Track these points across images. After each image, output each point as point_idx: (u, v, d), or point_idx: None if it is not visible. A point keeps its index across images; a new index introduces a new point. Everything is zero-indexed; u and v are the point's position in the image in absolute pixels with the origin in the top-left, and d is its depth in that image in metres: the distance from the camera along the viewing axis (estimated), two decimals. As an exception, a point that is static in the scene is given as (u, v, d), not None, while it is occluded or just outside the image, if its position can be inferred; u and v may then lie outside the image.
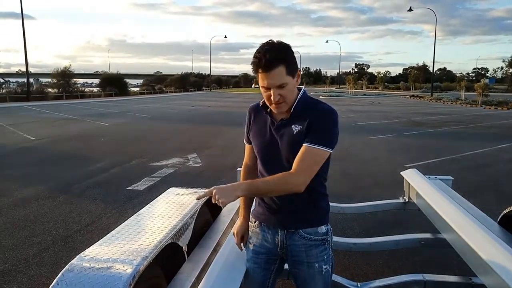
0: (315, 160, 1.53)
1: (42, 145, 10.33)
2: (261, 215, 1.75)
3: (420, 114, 19.72)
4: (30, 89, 37.22)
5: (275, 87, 1.50)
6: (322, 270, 1.66)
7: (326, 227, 1.68)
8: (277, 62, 1.46)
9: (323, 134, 1.52)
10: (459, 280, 2.32)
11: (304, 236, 1.65)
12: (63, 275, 1.54)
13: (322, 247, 1.66)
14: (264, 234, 1.75)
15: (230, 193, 1.50)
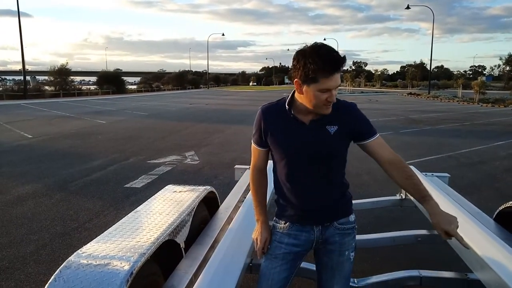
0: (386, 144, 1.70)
1: (39, 143, 10.30)
2: (293, 216, 1.73)
3: (417, 112, 19.76)
4: (27, 87, 37.07)
5: (335, 88, 1.54)
6: (350, 257, 1.76)
7: (353, 215, 1.79)
8: (340, 64, 1.51)
9: (369, 127, 1.67)
10: (455, 276, 2.33)
11: (338, 227, 1.73)
12: (61, 271, 1.55)
13: (352, 235, 1.76)
14: (297, 233, 1.73)
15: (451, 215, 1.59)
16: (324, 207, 1.70)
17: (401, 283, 2.39)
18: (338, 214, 1.73)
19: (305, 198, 1.69)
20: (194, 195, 2.59)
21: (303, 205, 1.69)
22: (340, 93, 41.95)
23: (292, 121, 1.65)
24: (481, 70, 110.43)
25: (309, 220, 1.71)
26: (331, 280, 1.76)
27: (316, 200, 1.68)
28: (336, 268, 1.75)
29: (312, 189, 1.68)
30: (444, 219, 1.52)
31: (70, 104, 27.34)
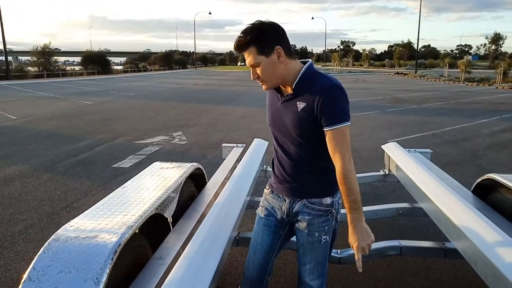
0: (344, 138, 1.57)
1: (24, 124, 10.15)
2: (274, 184, 1.86)
3: (403, 91, 19.92)
4: (9, 68, 36.11)
5: (251, 66, 1.62)
6: (321, 240, 1.73)
7: (332, 199, 1.72)
8: (246, 44, 1.58)
9: (337, 113, 1.55)
10: (433, 245, 2.43)
11: (308, 205, 1.73)
12: (49, 244, 1.58)
13: (324, 218, 1.72)
14: (274, 201, 1.85)
15: (367, 234, 1.62)
16: (296, 182, 1.75)
17: (382, 253, 2.49)
18: (309, 193, 1.73)
19: (280, 169, 1.79)
20: (181, 171, 2.62)
21: (279, 175, 1.81)
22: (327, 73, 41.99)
23: (275, 94, 1.75)
24: (468, 49, 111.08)
25: (282, 191, 1.80)
26: (303, 258, 1.78)
27: (288, 173, 1.76)
28: (307, 247, 1.76)
29: (286, 162, 1.76)
30: (358, 235, 1.60)
31: (55, 85, 26.79)
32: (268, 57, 1.58)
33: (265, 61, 1.59)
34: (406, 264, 3.06)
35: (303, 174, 1.73)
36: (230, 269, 3.02)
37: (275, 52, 1.59)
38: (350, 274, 2.93)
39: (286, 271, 2.99)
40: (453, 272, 2.94)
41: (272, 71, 1.61)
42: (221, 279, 2.85)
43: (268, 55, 1.58)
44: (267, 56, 1.58)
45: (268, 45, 1.58)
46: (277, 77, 1.64)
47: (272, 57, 1.59)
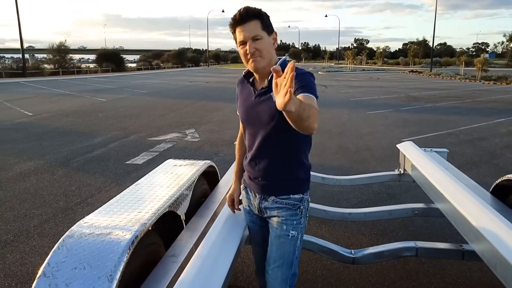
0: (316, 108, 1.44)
1: (40, 121, 10.30)
2: (245, 181, 1.87)
3: (418, 89, 19.63)
4: (26, 65, 36.75)
5: (250, 39, 1.58)
6: (289, 234, 1.70)
7: (301, 196, 1.72)
8: (252, 15, 1.57)
9: (307, 87, 1.53)
10: (450, 247, 2.38)
11: (276, 200, 1.72)
12: (64, 240, 1.59)
13: (293, 212, 1.71)
14: (248, 197, 1.87)
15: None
16: (265, 179, 1.73)
17: (397, 254, 2.45)
18: (278, 190, 1.71)
19: (251, 166, 1.78)
20: (194, 168, 2.61)
21: (250, 171, 1.80)
22: (341, 72, 41.59)
23: (248, 88, 1.74)
24: (484, 47, 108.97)
25: (253, 187, 1.80)
26: (269, 258, 1.74)
27: (258, 170, 1.74)
28: (274, 242, 1.72)
29: (257, 159, 1.74)
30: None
31: (70, 82, 27.16)
32: (269, 36, 1.62)
33: (265, 38, 1.60)
34: (421, 265, 3.01)
35: (273, 171, 1.72)
36: (243, 267, 3.01)
37: (273, 35, 1.64)
38: (363, 275, 2.90)
39: (298, 270, 2.96)
40: (470, 274, 2.88)
41: (269, 50, 1.63)
42: (234, 277, 2.84)
43: (269, 33, 1.62)
44: (269, 34, 1.62)
45: (270, 25, 1.64)
46: (269, 59, 1.63)
47: (270, 38, 1.63)
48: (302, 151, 1.72)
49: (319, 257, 3.09)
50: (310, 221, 3.77)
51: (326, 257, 2.91)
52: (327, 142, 7.48)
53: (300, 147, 1.71)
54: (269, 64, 1.61)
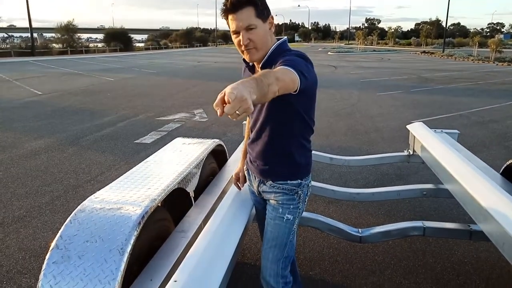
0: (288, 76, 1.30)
1: (49, 100, 10.37)
2: (247, 164, 1.88)
3: (430, 71, 19.30)
4: (34, 44, 36.78)
5: (243, 29, 1.48)
6: (283, 217, 1.70)
7: (299, 181, 1.70)
8: (244, 2, 1.45)
9: (287, 61, 1.39)
10: (458, 227, 2.38)
11: (273, 185, 1.72)
12: (75, 214, 1.62)
13: (290, 196, 1.70)
14: (249, 178, 1.89)
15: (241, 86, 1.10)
16: (263, 164, 1.73)
17: (404, 233, 2.45)
18: (276, 175, 1.70)
19: (252, 150, 1.77)
20: (203, 147, 2.62)
21: (251, 155, 1.80)
22: (351, 52, 40.97)
23: (248, 72, 1.71)
24: (500, 28, 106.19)
25: (253, 170, 1.81)
26: (265, 238, 1.76)
27: (258, 154, 1.73)
28: (269, 223, 1.73)
29: (257, 144, 1.73)
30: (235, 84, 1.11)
31: (78, 61, 27.18)
32: (264, 23, 1.51)
33: (260, 26, 1.49)
34: (428, 245, 3.02)
35: (271, 156, 1.70)
36: (250, 244, 3.05)
37: (269, 20, 1.53)
38: (370, 253, 2.92)
39: (305, 248, 2.99)
40: (477, 254, 2.88)
41: (264, 39, 1.53)
42: (241, 254, 2.89)
43: (265, 20, 1.52)
44: (264, 21, 1.51)
45: (266, 10, 1.51)
46: (265, 47, 1.55)
47: (266, 24, 1.53)
48: (301, 135, 1.68)
49: (326, 236, 3.11)
50: (318, 200, 3.80)
51: (333, 236, 2.94)
52: (336, 123, 7.44)
53: (299, 132, 1.66)
54: (265, 53, 1.56)
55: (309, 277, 2.64)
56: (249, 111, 1.04)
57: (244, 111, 1.03)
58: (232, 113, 1.02)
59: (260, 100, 1.17)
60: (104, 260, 1.43)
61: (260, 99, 1.17)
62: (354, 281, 2.61)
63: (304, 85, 1.37)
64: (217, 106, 1.05)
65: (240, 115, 1.03)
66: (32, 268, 2.74)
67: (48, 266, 1.44)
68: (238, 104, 1.01)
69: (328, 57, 31.83)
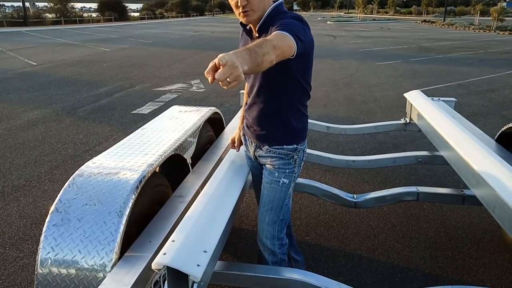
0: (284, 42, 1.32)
1: (44, 70, 10.23)
2: (243, 129, 1.89)
3: (430, 40, 19.03)
4: (27, 14, 35.90)
5: None
6: (279, 181, 1.73)
7: (295, 146, 1.71)
8: None
9: (283, 25, 1.39)
10: (451, 192, 2.42)
11: (270, 150, 1.74)
12: (74, 179, 1.64)
13: (286, 161, 1.72)
14: (246, 143, 1.91)
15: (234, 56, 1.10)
16: (259, 129, 1.74)
17: (398, 198, 2.50)
18: (272, 141, 1.72)
19: (248, 114, 1.79)
20: (200, 114, 2.62)
21: (247, 120, 1.80)
22: (351, 22, 40.22)
23: (245, 36, 1.70)
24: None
25: (249, 135, 1.82)
26: (261, 202, 1.81)
27: (254, 120, 1.74)
28: (265, 186, 1.77)
29: (253, 109, 1.73)
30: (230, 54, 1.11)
31: (72, 31, 26.62)
32: None
33: None
34: (422, 211, 3.08)
35: (267, 121, 1.70)
36: (248, 211, 3.10)
37: None
38: (364, 219, 2.98)
39: (302, 214, 3.05)
40: (469, 220, 2.95)
41: (261, 2, 1.53)
42: (238, 220, 2.95)
43: None
44: None
45: None
46: (262, 10, 1.55)
47: None
48: (297, 100, 1.68)
49: (322, 202, 3.17)
50: (314, 168, 3.84)
51: (329, 203, 2.99)
52: (334, 93, 7.40)
53: (295, 96, 1.66)
54: (262, 14, 1.55)
55: (305, 242, 2.70)
56: (240, 79, 1.04)
57: (235, 79, 1.03)
58: (223, 79, 1.02)
59: (253, 70, 1.18)
60: (103, 222, 1.46)
61: (254, 69, 1.18)
62: (349, 245, 2.68)
63: (300, 49, 1.38)
64: (208, 73, 1.05)
65: (231, 82, 1.03)
66: (34, 235, 2.80)
67: (48, 228, 1.48)
68: (229, 71, 1.02)
69: (327, 27, 31.26)
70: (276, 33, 1.34)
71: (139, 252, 1.48)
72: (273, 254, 1.83)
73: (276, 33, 1.34)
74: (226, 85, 1.04)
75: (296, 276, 1.67)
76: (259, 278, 1.64)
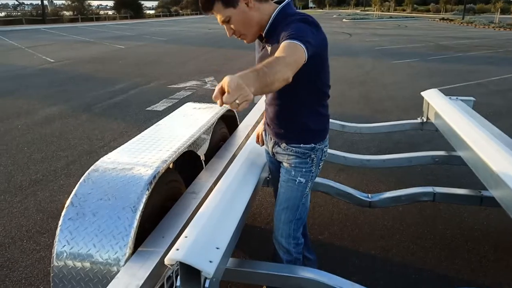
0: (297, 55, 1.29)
1: (62, 67, 10.41)
2: (264, 125, 1.89)
3: (448, 38, 18.70)
4: (45, 12, 36.57)
5: (223, 23, 1.54)
6: (296, 179, 1.71)
7: (313, 145, 1.69)
8: (209, 1, 1.48)
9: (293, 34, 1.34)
10: (469, 193, 2.37)
11: (287, 147, 1.72)
12: (89, 174, 1.66)
13: (303, 160, 1.70)
14: (266, 139, 1.91)
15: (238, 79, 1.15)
16: (277, 127, 1.73)
17: (414, 199, 2.46)
18: (290, 139, 1.70)
19: (267, 112, 1.79)
20: (213, 111, 2.62)
21: (267, 117, 1.81)
22: (367, 19, 39.78)
23: (260, 41, 1.68)
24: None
25: (269, 131, 1.82)
26: (277, 200, 1.80)
27: (272, 118, 1.74)
28: (282, 185, 1.75)
29: (271, 107, 1.73)
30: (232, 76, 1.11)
31: (89, 29, 27.01)
32: (236, 8, 1.48)
33: (234, 13, 1.49)
34: (438, 212, 3.03)
35: (285, 121, 1.69)
36: (261, 209, 3.10)
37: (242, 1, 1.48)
38: (379, 219, 2.94)
39: (315, 213, 3.03)
40: (487, 221, 2.89)
41: (245, 22, 1.52)
42: (251, 218, 2.94)
43: (235, 5, 1.48)
44: (235, 7, 1.48)
45: None
46: (254, 26, 1.54)
47: (240, 7, 1.49)
48: (314, 101, 1.65)
49: (336, 201, 3.14)
50: (328, 167, 3.80)
51: (343, 202, 2.96)
52: (349, 91, 7.33)
53: (312, 97, 1.64)
54: (261, 26, 1.55)
55: (318, 241, 2.69)
56: (249, 100, 1.05)
57: (245, 100, 1.04)
58: (231, 101, 1.02)
59: (263, 90, 1.19)
60: (118, 217, 1.47)
61: (263, 90, 1.18)
62: (362, 245, 2.65)
63: (311, 52, 1.35)
64: (216, 97, 1.06)
65: (240, 104, 1.04)
66: (50, 229, 2.84)
67: (64, 222, 1.50)
68: (236, 93, 1.03)
69: (342, 24, 30.99)
70: (285, 44, 1.31)
71: (152, 247, 1.48)
72: (288, 253, 1.82)
73: (284, 45, 1.32)
74: (236, 107, 1.05)
75: (309, 274, 1.65)
76: (271, 276, 1.64)
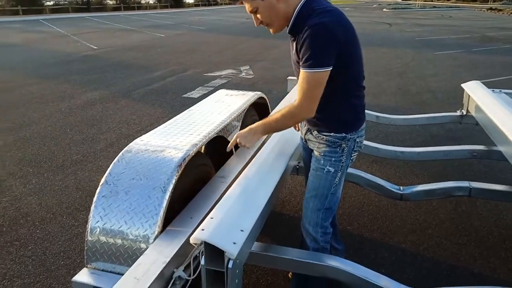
0: (312, 84, 1.50)
1: (104, 54, 10.77)
2: None
3: (495, 29, 17.70)
4: (90, 0, 37.81)
5: (251, 13, 1.59)
6: (324, 168, 1.69)
7: (344, 134, 1.67)
8: None
9: (308, 56, 1.45)
10: (507, 189, 2.26)
11: (318, 135, 1.72)
12: (123, 154, 1.73)
13: (333, 149, 1.69)
14: (301, 125, 1.94)
15: (251, 137, 1.71)
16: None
17: (448, 193, 2.38)
18: (322, 127, 1.70)
19: None
20: (245, 98, 2.65)
21: None
22: (409, 9, 38.22)
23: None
24: None
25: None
26: (307, 185, 1.80)
27: None
28: (311, 173, 1.75)
29: None
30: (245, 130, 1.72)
31: (131, 17, 27.71)
32: (263, 0, 1.52)
33: (262, 5, 1.53)
34: (474, 208, 2.92)
35: (317, 113, 1.62)
36: (290, 197, 3.10)
37: None
38: (411, 212, 2.88)
39: (345, 203, 3.00)
40: (527, 221, 2.76)
41: (272, 14, 1.55)
42: (280, 205, 2.96)
43: None
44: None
45: None
46: (281, 18, 1.57)
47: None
48: (346, 92, 1.64)
49: (367, 193, 3.10)
50: (360, 158, 3.74)
51: (374, 194, 2.92)
52: (387, 82, 7.13)
53: (343, 89, 1.62)
54: (287, 19, 1.55)
55: (347, 231, 2.67)
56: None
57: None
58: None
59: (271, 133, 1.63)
60: (148, 196, 1.53)
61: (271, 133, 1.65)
62: (392, 238, 2.60)
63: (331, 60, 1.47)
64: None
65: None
66: (88, 206, 2.98)
67: (98, 199, 1.57)
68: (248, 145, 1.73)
69: (382, 14, 30.03)
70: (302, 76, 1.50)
71: (180, 227, 1.53)
72: (315, 241, 1.81)
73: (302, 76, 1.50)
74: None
75: (334, 263, 1.65)
76: (296, 262, 1.64)
